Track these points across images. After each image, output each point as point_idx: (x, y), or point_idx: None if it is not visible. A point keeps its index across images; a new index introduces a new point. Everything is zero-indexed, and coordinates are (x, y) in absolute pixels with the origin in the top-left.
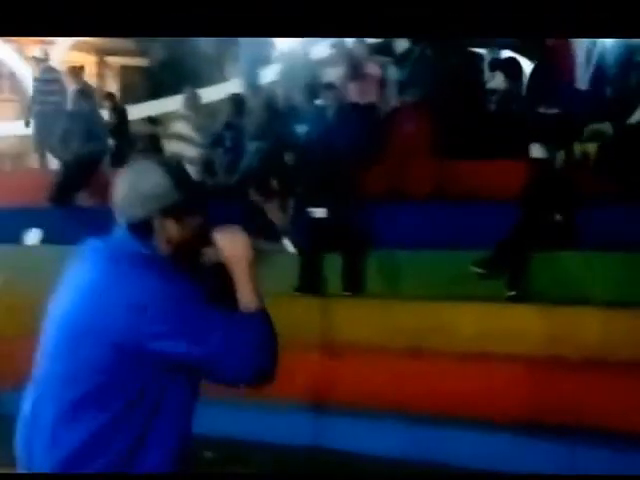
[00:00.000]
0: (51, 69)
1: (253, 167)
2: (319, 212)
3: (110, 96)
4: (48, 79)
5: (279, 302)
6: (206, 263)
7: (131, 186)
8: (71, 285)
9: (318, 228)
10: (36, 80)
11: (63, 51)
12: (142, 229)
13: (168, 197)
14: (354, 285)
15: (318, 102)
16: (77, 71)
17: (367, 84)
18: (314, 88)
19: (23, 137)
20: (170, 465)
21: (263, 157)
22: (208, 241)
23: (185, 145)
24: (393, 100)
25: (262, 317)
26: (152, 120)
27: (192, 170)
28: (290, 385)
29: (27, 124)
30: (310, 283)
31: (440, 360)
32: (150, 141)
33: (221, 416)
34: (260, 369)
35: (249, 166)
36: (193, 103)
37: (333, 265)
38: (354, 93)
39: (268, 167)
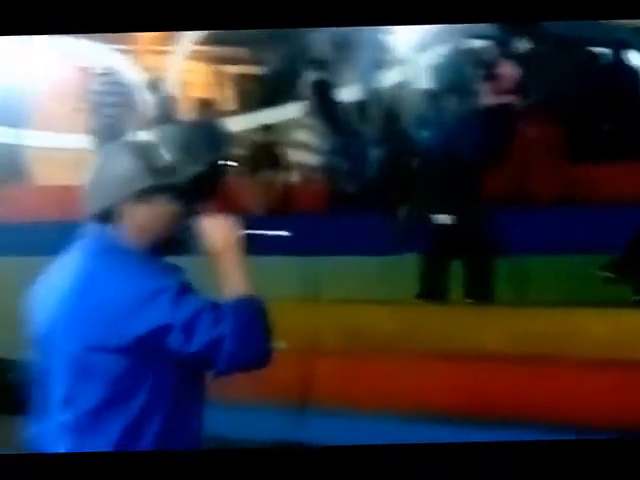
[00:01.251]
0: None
1: (377, 173)
2: (443, 218)
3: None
4: (113, 91)
5: (400, 309)
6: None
7: (99, 172)
8: (54, 290)
9: (442, 234)
10: (100, 92)
11: (179, 61)
12: (112, 217)
13: (137, 182)
14: (480, 292)
15: (441, 105)
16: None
17: (500, 84)
18: (437, 91)
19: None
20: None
21: (386, 163)
22: (186, 229)
23: (307, 153)
24: (519, 101)
25: (251, 302)
26: (267, 128)
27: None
28: (410, 391)
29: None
30: (432, 290)
31: (569, 366)
32: (265, 150)
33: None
34: (255, 356)
35: (372, 172)
36: (314, 110)
37: (454, 272)
38: (485, 94)
39: (392, 173)
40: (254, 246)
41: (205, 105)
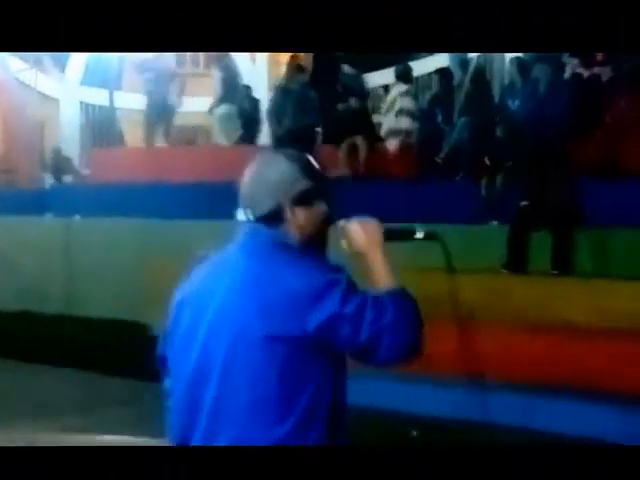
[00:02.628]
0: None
1: (463, 142)
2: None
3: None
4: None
5: (485, 279)
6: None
7: (259, 177)
8: (211, 291)
9: (530, 204)
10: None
11: None
12: (272, 220)
13: (296, 185)
14: (563, 264)
15: (530, 75)
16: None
17: (592, 56)
18: (525, 60)
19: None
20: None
21: (473, 132)
22: (333, 227)
23: (406, 119)
24: (608, 72)
25: (405, 294)
26: (361, 95)
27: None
28: (498, 361)
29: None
30: (517, 260)
31: None
32: (360, 116)
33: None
34: (413, 346)
35: (459, 141)
36: (407, 77)
37: (543, 243)
38: (574, 65)
39: (478, 142)
40: None
41: (298, 70)
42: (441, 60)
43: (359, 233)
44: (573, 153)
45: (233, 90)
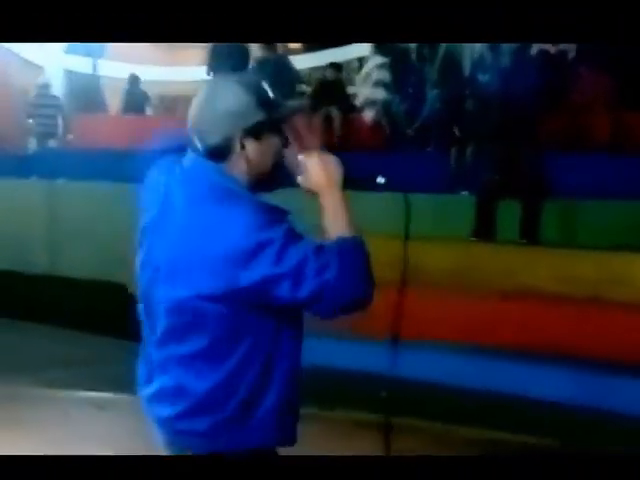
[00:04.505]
0: None
1: (434, 114)
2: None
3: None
4: None
5: (455, 246)
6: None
7: (210, 106)
8: (156, 225)
9: (496, 175)
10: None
11: None
12: (220, 152)
13: (250, 117)
14: (531, 233)
15: (499, 50)
16: None
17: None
18: None
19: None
20: (284, 407)
21: (444, 104)
22: (286, 166)
23: (381, 90)
24: (574, 48)
25: (356, 244)
26: (335, 66)
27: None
28: (458, 326)
29: None
30: (486, 229)
31: (613, 310)
32: (334, 87)
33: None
34: (357, 302)
35: (431, 113)
36: (383, 49)
37: (512, 212)
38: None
39: (449, 114)
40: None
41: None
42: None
43: (317, 170)
44: (540, 127)
45: None
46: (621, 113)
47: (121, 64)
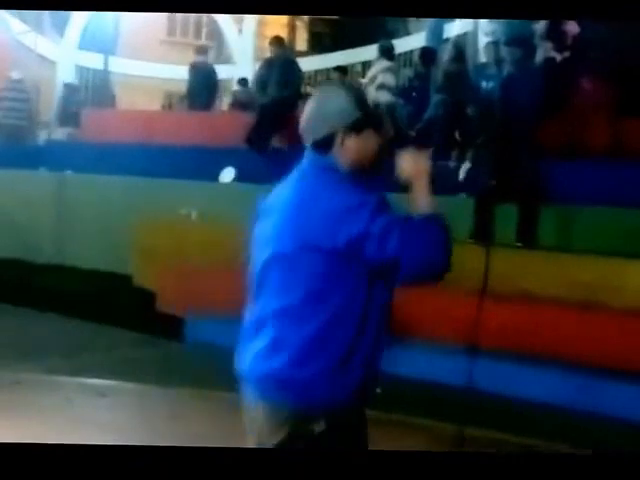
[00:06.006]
0: None
1: (437, 118)
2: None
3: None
4: None
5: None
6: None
7: (318, 107)
8: (275, 205)
9: (495, 180)
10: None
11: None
12: (325, 146)
13: (350, 114)
14: (528, 237)
15: (503, 57)
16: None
17: (563, 41)
18: (498, 43)
19: None
20: (374, 360)
21: (446, 108)
22: (385, 158)
23: (385, 93)
24: (575, 58)
25: (438, 220)
26: (341, 69)
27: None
28: (462, 327)
29: None
30: (484, 231)
31: (606, 314)
32: None
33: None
34: (435, 267)
35: (433, 117)
36: (390, 53)
37: (510, 216)
38: (547, 49)
39: (451, 118)
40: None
41: (279, 44)
42: (421, 39)
43: (408, 162)
44: (540, 133)
45: None
46: (619, 120)
47: (130, 60)
